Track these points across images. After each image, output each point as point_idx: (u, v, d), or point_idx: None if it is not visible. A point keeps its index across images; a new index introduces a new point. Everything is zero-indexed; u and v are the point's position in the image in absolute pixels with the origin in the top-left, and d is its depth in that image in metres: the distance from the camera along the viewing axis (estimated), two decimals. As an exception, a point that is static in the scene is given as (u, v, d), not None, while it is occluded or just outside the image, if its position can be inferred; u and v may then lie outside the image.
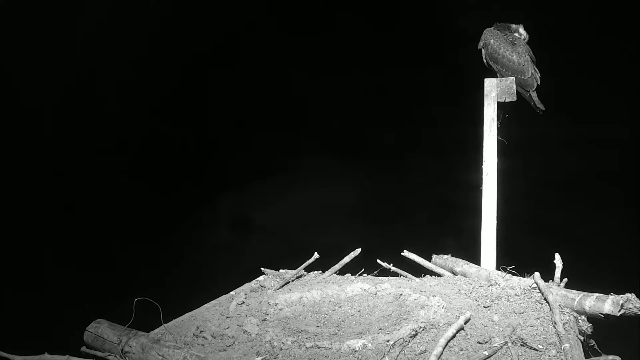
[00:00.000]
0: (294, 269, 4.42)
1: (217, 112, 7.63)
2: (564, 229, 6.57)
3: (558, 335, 2.98)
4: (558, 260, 3.86)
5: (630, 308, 3.10)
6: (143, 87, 6.90)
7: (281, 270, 4.63)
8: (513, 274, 3.91)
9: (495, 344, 2.90)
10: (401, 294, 3.78)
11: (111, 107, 6.90)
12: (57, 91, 6.52)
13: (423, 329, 3.12)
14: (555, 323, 3.08)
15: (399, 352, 2.89)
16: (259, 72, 7.36)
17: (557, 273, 3.80)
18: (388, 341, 2.96)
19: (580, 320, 3.31)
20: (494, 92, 4.52)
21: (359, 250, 4.48)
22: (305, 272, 4.52)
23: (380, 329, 3.30)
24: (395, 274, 4.49)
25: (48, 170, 6.47)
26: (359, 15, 7.25)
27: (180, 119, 7.43)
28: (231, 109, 7.58)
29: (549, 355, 2.80)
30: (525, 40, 4.70)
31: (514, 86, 4.53)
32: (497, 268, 4.27)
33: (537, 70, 4.67)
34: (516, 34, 4.70)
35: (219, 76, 7.56)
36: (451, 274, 4.35)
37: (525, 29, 4.72)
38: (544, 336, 3.01)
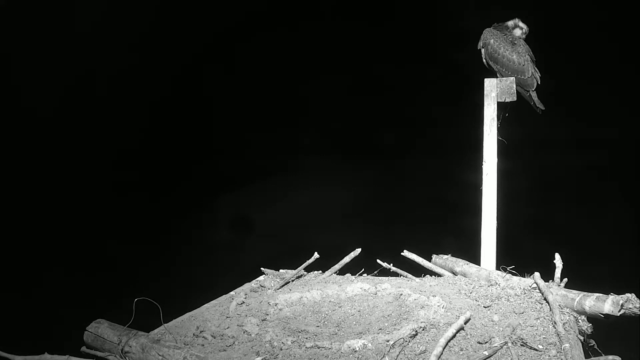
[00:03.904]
0: (294, 269, 4.42)
1: (217, 111, 7.63)
2: (564, 229, 6.57)
3: (558, 335, 2.98)
4: (558, 260, 3.86)
5: (630, 308, 3.11)
6: (142, 86, 6.89)
7: (281, 270, 4.63)
8: (513, 274, 3.91)
9: (495, 344, 2.90)
10: (401, 294, 3.78)
11: (110, 106, 6.90)
12: (57, 91, 6.52)
13: (423, 329, 3.12)
14: (555, 323, 3.08)
15: (399, 352, 2.89)
16: (258, 71, 7.36)
17: (557, 273, 3.80)
18: (388, 341, 2.96)
19: (580, 320, 3.31)
20: (494, 92, 4.52)
21: (359, 250, 4.48)
22: (305, 272, 4.52)
23: (380, 329, 3.30)
24: (395, 274, 4.49)
25: (48, 170, 6.47)
26: (358, 15, 7.25)
27: (180, 119, 7.42)
28: (231, 108, 7.58)
29: (549, 355, 2.80)
30: (526, 34, 4.69)
31: (514, 86, 4.52)
32: (497, 268, 4.27)
33: (537, 70, 4.66)
34: (516, 29, 4.69)
35: (218, 76, 7.56)
36: (451, 274, 4.35)
37: (523, 22, 4.70)
38: (544, 336, 3.01)
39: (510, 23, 4.71)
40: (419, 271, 4.51)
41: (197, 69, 7.45)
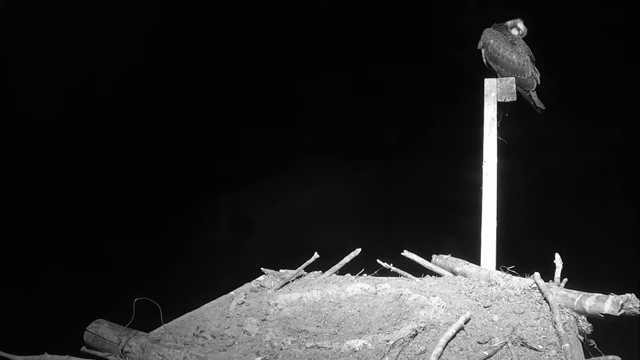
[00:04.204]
0: (294, 269, 4.43)
1: (217, 111, 7.63)
2: (564, 229, 6.57)
3: (558, 335, 2.98)
4: (558, 260, 3.86)
5: (630, 308, 3.11)
6: (142, 86, 6.89)
7: (281, 270, 4.63)
8: (513, 274, 3.91)
9: (495, 344, 2.90)
10: (401, 294, 3.78)
11: (110, 106, 6.90)
12: (57, 91, 6.52)
13: (423, 329, 3.12)
14: (555, 323, 3.08)
15: (399, 352, 2.89)
16: (258, 71, 7.36)
17: (557, 273, 3.80)
18: (388, 341, 2.96)
19: (580, 320, 3.32)
20: (494, 92, 4.52)
21: (359, 250, 4.48)
22: (305, 272, 4.52)
23: (380, 329, 3.30)
24: (395, 274, 4.49)
25: (48, 171, 6.47)
26: (358, 15, 7.25)
27: (180, 119, 7.42)
28: (231, 108, 7.58)
29: (549, 355, 2.80)
30: (524, 35, 4.69)
31: (514, 86, 4.52)
32: (497, 268, 4.27)
33: (536, 70, 4.66)
34: (514, 30, 4.69)
35: (218, 76, 7.56)
36: (451, 274, 4.35)
37: (525, 23, 4.71)
38: (544, 336, 3.01)
39: (509, 23, 4.72)
40: (419, 271, 4.51)
41: (197, 69, 7.44)
